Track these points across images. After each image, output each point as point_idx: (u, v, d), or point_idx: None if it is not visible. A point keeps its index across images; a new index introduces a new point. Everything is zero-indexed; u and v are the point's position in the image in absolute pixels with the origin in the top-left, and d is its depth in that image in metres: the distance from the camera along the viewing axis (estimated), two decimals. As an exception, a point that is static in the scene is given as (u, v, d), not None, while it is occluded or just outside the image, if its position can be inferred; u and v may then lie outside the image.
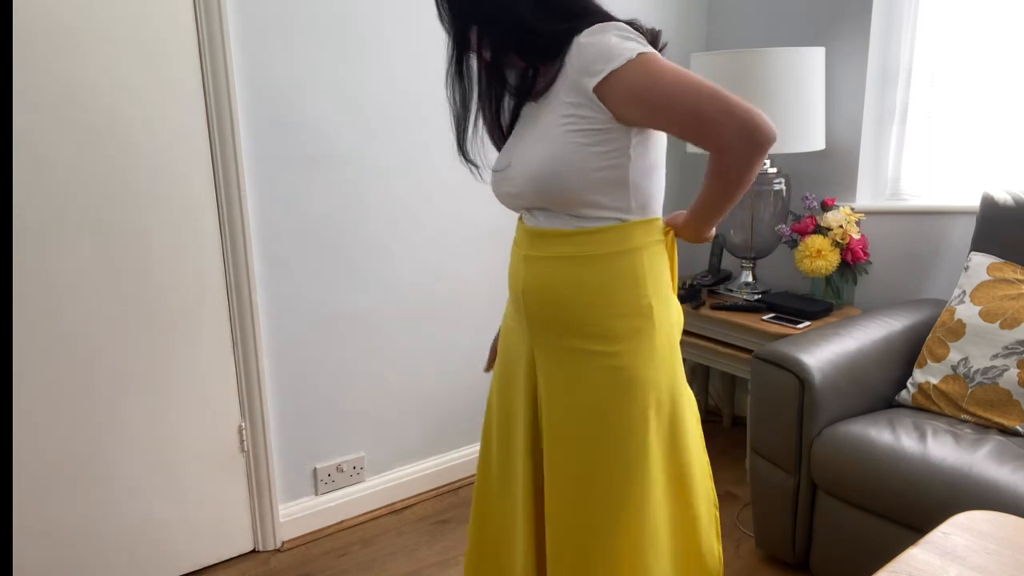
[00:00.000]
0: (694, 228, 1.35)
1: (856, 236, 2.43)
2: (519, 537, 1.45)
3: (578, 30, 1.20)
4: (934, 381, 2.00)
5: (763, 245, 2.60)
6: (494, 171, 1.38)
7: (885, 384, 2.08)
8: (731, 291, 2.68)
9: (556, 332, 1.33)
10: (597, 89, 1.18)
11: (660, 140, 1.29)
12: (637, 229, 1.29)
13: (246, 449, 2.19)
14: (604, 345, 1.29)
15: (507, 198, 1.36)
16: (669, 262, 1.37)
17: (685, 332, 2.67)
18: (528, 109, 1.34)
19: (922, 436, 1.82)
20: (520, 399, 1.43)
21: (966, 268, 2.09)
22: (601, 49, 1.17)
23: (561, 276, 1.30)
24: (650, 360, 1.30)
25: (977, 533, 1.14)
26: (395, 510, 2.47)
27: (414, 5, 2.24)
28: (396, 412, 2.46)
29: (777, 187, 2.54)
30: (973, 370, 1.94)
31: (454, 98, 1.34)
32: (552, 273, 1.31)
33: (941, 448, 1.76)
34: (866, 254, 2.47)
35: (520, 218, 1.41)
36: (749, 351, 2.45)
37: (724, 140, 1.15)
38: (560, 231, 1.29)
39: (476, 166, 1.39)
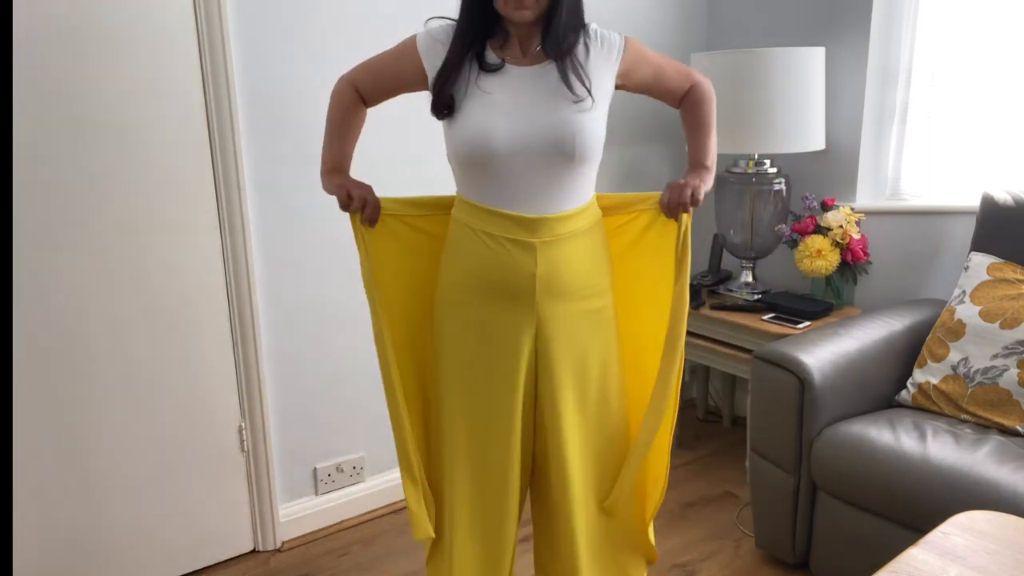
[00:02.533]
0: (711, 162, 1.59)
1: (856, 236, 2.43)
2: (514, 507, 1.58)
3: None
4: (934, 381, 2.00)
5: (763, 245, 2.60)
6: (493, 133, 1.42)
7: (885, 384, 2.08)
8: (731, 291, 2.68)
9: (566, 300, 1.50)
10: (620, 66, 1.50)
11: None
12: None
13: (246, 449, 2.19)
14: (601, 300, 1.54)
15: (521, 158, 1.42)
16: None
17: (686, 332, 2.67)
18: (511, 74, 1.45)
19: (922, 436, 1.82)
20: (520, 386, 1.52)
21: (966, 268, 2.09)
22: (605, 34, 1.50)
23: (575, 249, 1.49)
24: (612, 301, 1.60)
25: (977, 533, 1.14)
26: (395, 510, 2.47)
27: (414, 5, 2.24)
28: (396, 412, 2.46)
29: (777, 187, 2.54)
30: (973, 370, 1.94)
31: (465, 33, 1.45)
32: (569, 249, 1.48)
33: (941, 448, 1.76)
34: (866, 254, 2.47)
35: (486, 211, 1.47)
36: (749, 351, 2.45)
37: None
38: (569, 212, 1.47)
39: (451, 112, 1.46)
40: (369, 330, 2.34)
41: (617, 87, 1.53)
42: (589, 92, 1.43)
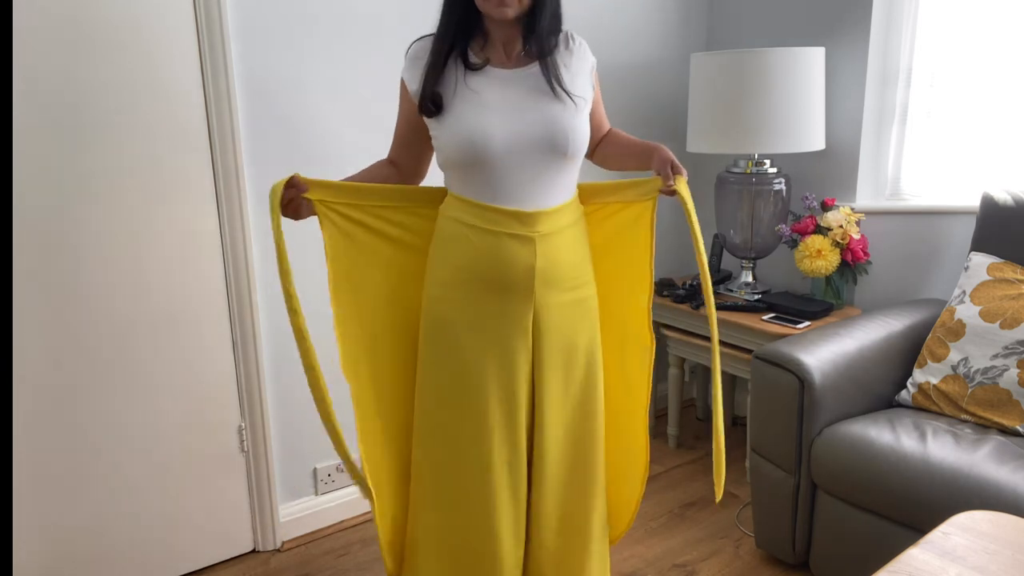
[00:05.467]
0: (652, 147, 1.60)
1: (856, 236, 2.43)
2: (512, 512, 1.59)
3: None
4: (934, 381, 2.00)
5: (763, 245, 2.60)
6: (489, 133, 1.44)
7: (885, 384, 2.08)
8: (731, 291, 2.68)
9: (559, 291, 1.54)
10: (593, 76, 1.58)
11: None
12: None
13: (246, 449, 2.19)
14: (587, 290, 1.60)
15: (517, 156, 1.46)
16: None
17: (685, 332, 2.67)
18: (495, 75, 1.49)
19: (922, 436, 1.82)
20: (522, 378, 1.55)
21: (966, 268, 2.09)
22: (583, 43, 1.59)
23: (566, 241, 1.54)
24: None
25: (977, 533, 1.14)
26: (395, 510, 2.46)
27: (414, 5, 2.24)
28: (396, 412, 2.46)
29: (777, 187, 2.54)
30: (973, 370, 1.94)
31: (445, 34, 1.48)
32: (561, 242, 1.53)
33: (941, 448, 1.76)
34: (866, 254, 2.47)
35: (482, 207, 1.49)
36: (749, 351, 2.45)
37: None
38: (561, 206, 1.52)
39: (439, 109, 1.47)
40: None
41: None
42: (571, 94, 1.48)
